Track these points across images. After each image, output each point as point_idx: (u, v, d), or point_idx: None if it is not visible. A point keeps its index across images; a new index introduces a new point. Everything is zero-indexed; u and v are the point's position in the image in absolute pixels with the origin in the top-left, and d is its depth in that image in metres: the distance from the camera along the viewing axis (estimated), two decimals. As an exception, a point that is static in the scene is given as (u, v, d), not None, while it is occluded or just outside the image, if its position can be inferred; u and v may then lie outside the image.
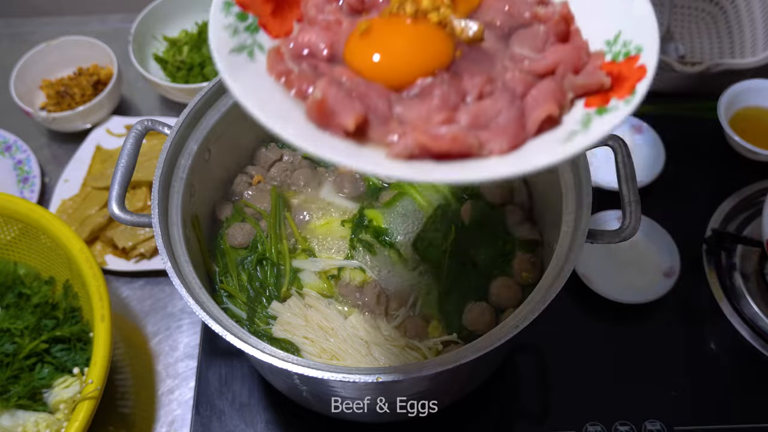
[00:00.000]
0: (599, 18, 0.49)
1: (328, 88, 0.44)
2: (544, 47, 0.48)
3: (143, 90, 1.21)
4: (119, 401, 0.89)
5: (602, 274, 0.92)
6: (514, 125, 0.44)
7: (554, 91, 0.45)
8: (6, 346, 0.83)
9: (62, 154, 1.13)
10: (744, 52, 1.13)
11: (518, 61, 0.48)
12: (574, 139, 0.42)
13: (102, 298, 0.80)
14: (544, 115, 0.44)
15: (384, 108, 0.44)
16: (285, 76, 0.47)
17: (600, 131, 0.42)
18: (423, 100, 0.44)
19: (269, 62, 0.48)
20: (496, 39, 0.49)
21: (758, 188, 1.00)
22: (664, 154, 1.00)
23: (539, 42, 0.48)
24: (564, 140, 0.43)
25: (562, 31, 0.49)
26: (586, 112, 0.45)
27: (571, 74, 0.46)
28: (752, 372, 0.87)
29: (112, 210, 0.68)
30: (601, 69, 0.47)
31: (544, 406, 0.85)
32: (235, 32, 0.49)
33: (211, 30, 0.48)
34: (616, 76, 0.46)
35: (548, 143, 0.43)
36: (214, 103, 0.76)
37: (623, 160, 0.69)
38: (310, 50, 0.49)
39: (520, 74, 0.46)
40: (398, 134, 0.43)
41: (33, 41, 1.20)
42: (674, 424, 0.82)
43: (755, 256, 0.95)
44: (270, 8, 0.51)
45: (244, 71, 0.46)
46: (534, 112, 0.44)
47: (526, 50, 0.48)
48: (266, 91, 0.46)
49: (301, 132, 0.42)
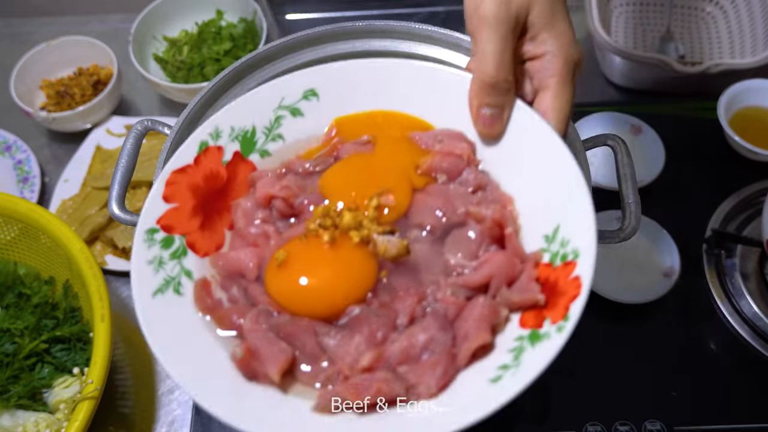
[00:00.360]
0: (539, 208, 0.47)
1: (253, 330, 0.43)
2: (478, 252, 0.46)
3: (143, 90, 1.21)
4: (119, 401, 0.89)
5: (602, 274, 0.92)
6: (444, 360, 0.42)
7: (487, 315, 0.43)
8: (6, 346, 0.83)
9: (62, 154, 1.13)
10: (744, 52, 1.13)
11: (450, 271, 0.46)
12: (503, 379, 0.40)
13: (102, 298, 0.80)
14: (476, 346, 0.42)
15: (312, 345, 0.43)
16: (212, 313, 0.46)
17: (531, 372, 0.40)
18: (352, 333, 0.43)
19: (196, 297, 0.47)
20: (430, 243, 0.47)
21: (758, 188, 1.00)
22: (664, 154, 1.00)
23: (474, 246, 0.46)
24: (493, 379, 0.41)
25: (497, 234, 0.47)
26: (520, 335, 0.43)
27: (505, 288, 0.44)
28: (752, 372, 0.87)
29: (112, 210, 0.68)
30: (538, 274, 0.45)
31: (544, 406, 0.85)
32: (160, 264, 0.47)
33: (133, 269, 0.46)
34: (552, 285, 0.43)
35: (477, 383, 0.41)
36: (214, 103, 0.76)
37: (623, 160, 0.69)
38: (238, 271, 0.48)
39: (451, 296, 0.44)
40: (323, 380, 0.42)
41: (33, 41, 1.19)
42: (674, 424, 0.82)
43: (755, 256, 0.95)
44: (198, 223, 0.50)
45: (168, 317, 0.45)
46: (465, 343, 0.42)
47: (460, 257, 0.46)
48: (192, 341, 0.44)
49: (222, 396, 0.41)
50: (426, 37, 0.75)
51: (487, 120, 0.49)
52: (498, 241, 0.47)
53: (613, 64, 1.12)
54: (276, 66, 0.76)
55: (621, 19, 1.23)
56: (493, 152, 0.51)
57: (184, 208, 0.50)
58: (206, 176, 0.52)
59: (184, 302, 0.46)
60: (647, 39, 1.21)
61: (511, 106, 0.49)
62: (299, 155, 0.54)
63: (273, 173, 0.52)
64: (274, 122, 0.54)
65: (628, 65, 1.09)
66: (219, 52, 1.16)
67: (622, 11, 1.23)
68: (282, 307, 0.46)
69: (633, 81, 1.13)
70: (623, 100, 1.14)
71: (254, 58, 0.75)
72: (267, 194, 0.50)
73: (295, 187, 0.50)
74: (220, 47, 1.17)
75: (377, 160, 0.52)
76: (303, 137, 0.55)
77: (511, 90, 0.49)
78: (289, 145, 0.54)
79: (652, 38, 1.20)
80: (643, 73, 1.09)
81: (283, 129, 0.54)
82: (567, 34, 0.49)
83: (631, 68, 1.10)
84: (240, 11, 1.21)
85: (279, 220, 0.50)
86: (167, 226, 0.49)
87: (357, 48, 0.76)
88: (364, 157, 0.52)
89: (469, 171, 0.51)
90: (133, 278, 0.46)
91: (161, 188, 0.50)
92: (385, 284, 0.46)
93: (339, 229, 0.46)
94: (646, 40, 1.20)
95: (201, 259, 0.49)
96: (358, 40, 0.76)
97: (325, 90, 0.54)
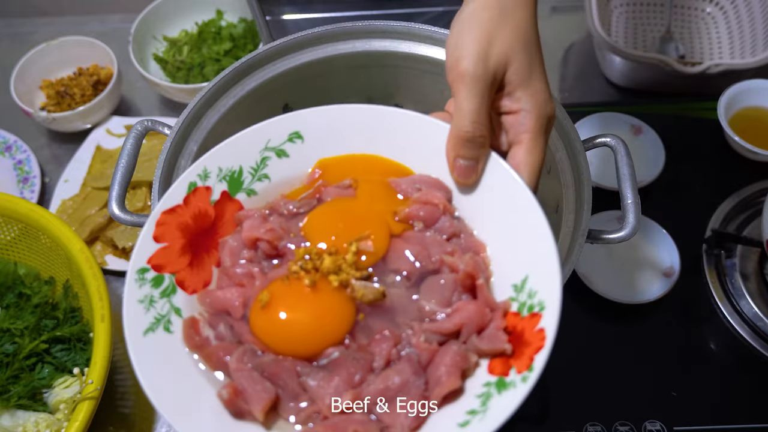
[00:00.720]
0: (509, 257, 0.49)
1: (238, 369, 0.46)
2: (451, 299, 0.49)
3: (143, 90, 1.21)
4: (119, 401, 0.89)
5: (602, 274, 0.92)
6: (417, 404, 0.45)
7: (458, 362, 0.46)
8: (6, 346, 0.83)
9: (62, 154, 1.13)
10: (744, 52, 1.13)
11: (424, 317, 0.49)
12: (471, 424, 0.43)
13: (102, 298, 0.80)
14: (447, 391, 0.45)
15: (293, 385, 0.46)
16: (200, 351, 0.48)
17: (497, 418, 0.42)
18: (331, 375, 0.46)
19: (185, 335, 0.49)
20: (405, 288, 0.50)
21: (758, 188, 1.00)
22: (664, 154, 1.00)
23: (447, 294, 0.49)
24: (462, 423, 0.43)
25: (469, 284, 0.49)
26: (488, 381, 0.45)
27: (475, 335, 0.47)
28: (752, 372, 0.87)
29: (112, 210, 0.68)
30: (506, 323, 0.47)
31: (544, 406, 0.85)
32: (151, 303, 0.49)
33: (125, 309, 0.48)
34: (519, 334, 0.46)
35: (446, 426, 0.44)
36: (214, 103, 0.76)
37: (623, 160, 0.69)
38: (225, 309, 0.50)
39: (425, 342, 0.47)
40: (303, 420, 0.45)
41: (33, 41, 1.20)
42: (674, 424, 0.82)
43: (755, 256, 0.95)
44: (187, 260, 0.52)
45: (158, 355, 0.47)
46: (437, 388, 0.45)
47: (434, 303, 0.49)
48: (181, 380, 0.46)
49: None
50: (426, 37, 0.75)
51: (463, 170, 0.52)
52: (470, 290, 0.49)
53: (613, 64, 1.12)
54: (276, 66, 0.76)
55: (621, 19, 1.23)
56: (468, 200, 0.53)
57: (173, 247, 0.52)
58: (195, 215, 0.53)
59: (174, 340, 0.48)
60: (647, 39, 1.21)
61: (485, 158, 0.52)
62: (284, 194, 0.56)
63: (259, 214, 0.54)
64: (260, 163, 0.56)
65: (628, 65, 1.09)
66: (219, 52, 1.16)
67: (622, 11, 1.23)
68: (266, 347, 0.48)
69: (633, 81, 1.13)
70: (623, 100, 1.14)
71: (254, 58, 0.75)
72: (253, 237, 0.52)
73: (280, 229, 0.52)
74: (220, 47, 1.17)
75: (358, 205, 0.54)
76: (288, 177, 0.56)
77: (485, 144, 0.51)
78: (275, 185, 0.56)
79: (652, 38, 1.20)
80: (643, 73, 1.09)
81: (269, 169, 0.56)
82: (541, 93, 0.52)
83: (631, 68, 1.10)
84: (240, 11, 1.21)
85: (264, 260, 0.52)
86: (157, 265, 0.50)
87: (357, 48, 0.76)
88: (345, 201, 0.54)
89: (445, 219, 0.53)
90: (125, 318, 0.47)
91: (152, 228, 0.51)
92: (363, 326, 0.48)
93: (319, 273, 0.48)
94: (646, 40, 1.21)
95: (189, 297, 0.51)
96: (358, 40, 0.76)
97: (310, 132, 0.56)
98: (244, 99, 0.77)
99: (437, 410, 0.45)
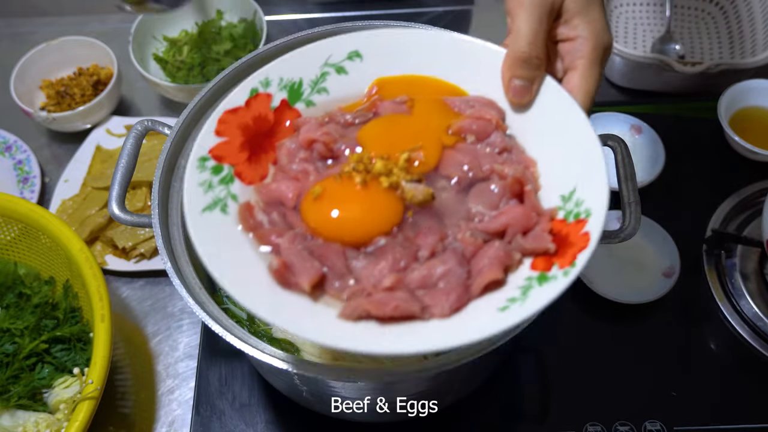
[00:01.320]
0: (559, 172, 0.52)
1: (289, 248, 0.49)
2: (499, 204, 0.51)
3: (143, 90, 1.21)
4: (119, 401, 0.89)
5: (602, 274, 0.92)
6: (458, 289, 0.47)
7: (501, 257, 0.48)
8: (6, 346, 0.83)
9: (62, 154, 1.13)
10: (744, 52, 1.13)
11: (472, 218, 0.51)
12: (510, 309, 0.45)
13: (102, 298, 0.80)
14: (487, 281, 0.47)
15: (341, 265, 0.49)
16: (254, 231, 0.51)
17: (536, 305, 0.44)
18: (377, 260, 0.48)
19: (240, 217, 0.52)
20: (455, 192, 0.52)
21: (758, 188, 1.00)
22: (664, 154, 1.00)
23: (495, 199, 0.51)
24: (501, 308, 0.45)
25: (517, 190, 0.51)
26: (530, 276, 0.47)
27: (520, 235, 0.49)
28: (752, 372, 0.87)
29: (112, 210, 0.68)
30: (552, 227, 0.49)
31: (544, 406, 0.85)
32: (210, 187, 0.52)
33: (186, 189, 0.51)
34: (563, 237, 0.48)
35: (487, 309, 0.46)
36: (214, 103, 0.76)
37: (623, 160, 0.69)
38: (279, 199, 0.53)
39: (470, 237, 0.49)
40: (348, 295, 0.48)
41: (33, 41, 1.19)
42: (674, 424, 0.82)
43: (755, 256, 0.95)
44: (245, 156, 0.55)
45: (215, 230, 0.50)
46: (479, 278, 0.47)
47: (481, 207, 0.51)
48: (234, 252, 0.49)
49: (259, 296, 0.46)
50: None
51: (518, 90, 0.53)
52: (518, 197, 0.52)
53: (613, 64, 1.12)
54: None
55: (621, 19, 1.23)
56: (520, 120, 0.55)
57: (233, 143, 0.55)
58: (255, 118, 0.57)
59: (229, 220, 0.52)
60: (647, 39, 1.21)
61: (540, 80, 0.54)
62: (341, 108, 0.59)
63: (316, 120, 0.57)
64: (320, 77, 0.59)
65: (628, 65, 1.09)
66: (219, 52, 1.16)
67: (622, 11, 1.23)
68: (316, 233, 0.50)
69: (633, 81, 1.13)
70: (623, 100, 1.14)
71: (254, 58, 0.75)
72: (310, 138, 0.55)
73: (336, 135, 0.55)
74: (220, 47, 1.17)
75: (412, 119, 0.56)
76: (346, 93, 0.59)
77: (541, 66, 0.53)
78: (333, 99, 0.59)
79: (652, 38, 1.20)
80: (643, 73, 1.09)
81: (328, 84, 0.59)
82: (599, 21, 0.53)
83: (631, 68, 1.10)
84: (240, 11, 1.21)
85: (318, 161, 0.55)
86: (218, 156, 0.54)
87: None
88: (400, 117, 0.56)
89: (497, 134, 0.54)
90: (184, 197, 0.51)
91: (214, 125, 0.55)
92: (411, 222, 0.50)
93: (370, 174, 0.51)
94: (646, 40, 1.21)
95: (246, 187, 0.54)
96: (358, 40, 0.76)
97: (369, 52, 0.59)
98: (244, 99, 0.77)
99: (478, 297, 0.47)
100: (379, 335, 0.45)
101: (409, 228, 0.50)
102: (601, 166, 0.49)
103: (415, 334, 0.46)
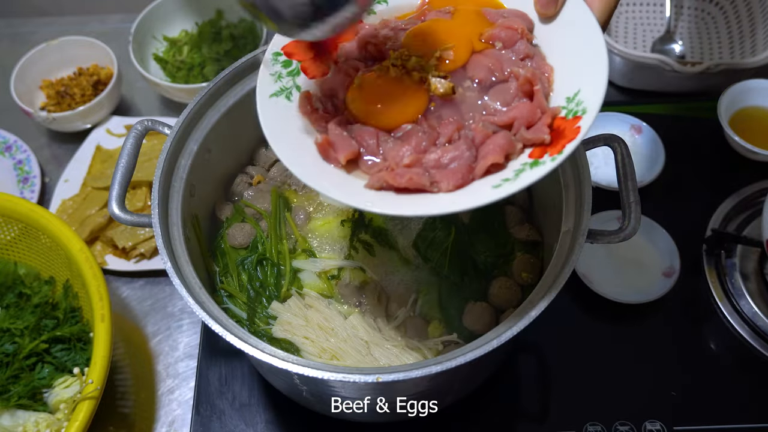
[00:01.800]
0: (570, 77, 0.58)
1: (334, 130, 0.59)
2: (512, 102, 0.59)
3: (143, 90, 1.21)
4: (119, 401, 0.89)
5: (602, 274, 0.92)
6: (464, 170, 0.56)
7: (504, 144, 0.55)
8: (6, 346, 0.83)
9: (62, 154, 1.13)
10: (744, 52, 1.13)
11: (487, 111, 0.59)
12: (502, 186, 0.53)
13: (102, 298, 0.80)
14: (489, 164, 0.55)
15: (373, 145, 0.59)
16: (309, 116, 0.61)
17: (524, 182, 0.52)
18: (403, 143, 0.58)
19: (300, 104, 0.61)
20: (478, 91, 0.60)
21: (758, 188, 1.00)
22: (664, 154, 1.00)
23: (509, 97, 0.59)
24: (495, 185, 0.54)
25: (528, 90, 0.58)
26: (526, 162, 0.55)
27: (524, 128, 0.56)
28: (752, 372, 0.87)
29: (112, 210, 0.68)
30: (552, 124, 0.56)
31: (544, 406, 0.85)
32: (279, 77, 0.63)
33: (260, 76, 0.62)
34: (560, 131, 0.55)
35: (484, 186, 0.55)
36: (214, 103, 0.76)
37: (623, 160, 0.69)
38: (333, 92, 0.62)
39: (482, 127, 0.57)
40: (375, 171, 0.57)
41: (33, 41, 1.20)
42: (674, 424, 0.83)
43: (755, 256, 0.95)
44: (311, 54, 0.64)
45: (278, 113, 0.60)
46: (482, 161, 0.55)
47: (497, 103, 0.59)
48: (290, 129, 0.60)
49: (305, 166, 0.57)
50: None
51: (544, 2, 0.61)
52: (529, 96, 0.58)
53: (613, 64, 1.12)
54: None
55: (621, 19, 1.23)
56: (546, 31, 0.62)
57: (302, 43, 0.63)
58: None
59: (291, 106, 0.61)
60: (647, 39, 1.21)
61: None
62: (397, 17, 0.67)
63: (372, 26, 0.65)
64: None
65: (628, 65, 1.09)
66: (219, 52, 1.17)
67: (622, 11, 1.23)
68: (356, 118, 0.60)
69: (633, 81, 1.13)
70: (623, 100, 1.14)
71: (254, 58, 0.75)
72: (365, 39, 0.64)
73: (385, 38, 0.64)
74: (220, 47, 1.17)
75: (451, 24, 0.64)
76: (402, 4, 0.68)
77: None
78: (391, 9, 0.68)
79: (652, 38, 1.20)
80: (643, 73, 1.10)
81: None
82: None
83: (631, 68, 1.10)
84: (240, 11, 1.21)
85: (369, 60, 0.63)
86: (288, 52, 0.64)
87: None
88: (441, 21, 0.65)
89: (522, 43, 0.61)
90: (258, 84, 0.61)
91: None
92: (435, 114, 0.59)
93: (405, 69, 0.60)
94: (646, 40, 1.21)
95: (309, 81, 0.63)
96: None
97: None
98: (244, 99, 0.77)
99: (481, 178, 0.55)
100: (395, 200, 0.55)
101: (434, 118, 0.59)
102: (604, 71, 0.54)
103: (423, 202, 0.55)
